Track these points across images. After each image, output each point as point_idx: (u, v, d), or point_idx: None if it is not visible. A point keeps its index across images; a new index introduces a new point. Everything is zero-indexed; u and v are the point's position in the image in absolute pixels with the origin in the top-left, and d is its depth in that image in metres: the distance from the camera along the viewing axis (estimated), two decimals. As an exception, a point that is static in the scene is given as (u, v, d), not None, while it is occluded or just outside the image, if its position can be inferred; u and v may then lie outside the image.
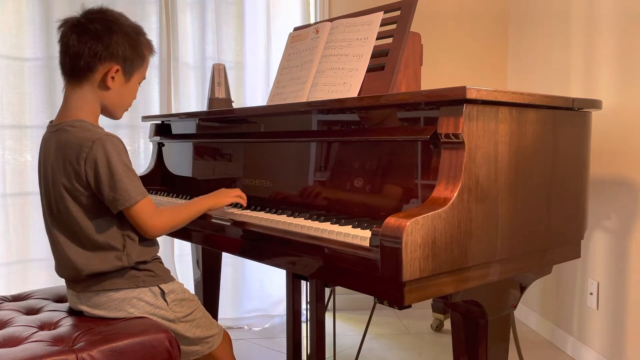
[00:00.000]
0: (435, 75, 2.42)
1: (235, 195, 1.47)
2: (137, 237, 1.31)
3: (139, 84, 1.41)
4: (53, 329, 1.29)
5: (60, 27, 1.31)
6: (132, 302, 1.31)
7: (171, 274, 1.42)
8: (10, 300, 1.51)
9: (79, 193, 1.26)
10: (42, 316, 1.37)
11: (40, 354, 1.12)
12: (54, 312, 1.39)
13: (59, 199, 1.28)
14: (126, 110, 1.41)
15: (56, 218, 1.30)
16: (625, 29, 2.01)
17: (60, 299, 1.50)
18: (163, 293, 1.35)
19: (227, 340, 1.49)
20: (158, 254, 1.41)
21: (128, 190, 1.24)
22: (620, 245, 2.05)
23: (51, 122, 1.36)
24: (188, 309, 1.39)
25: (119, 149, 1.26)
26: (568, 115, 1.33)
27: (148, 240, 1.34)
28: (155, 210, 1.30)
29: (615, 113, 2.04)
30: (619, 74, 2.05)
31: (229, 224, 1.46)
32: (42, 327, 1.30)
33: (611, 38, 2.09)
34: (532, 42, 2.75)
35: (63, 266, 1.32)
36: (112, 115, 1.38)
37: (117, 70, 1.31)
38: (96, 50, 1.27)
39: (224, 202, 1.45)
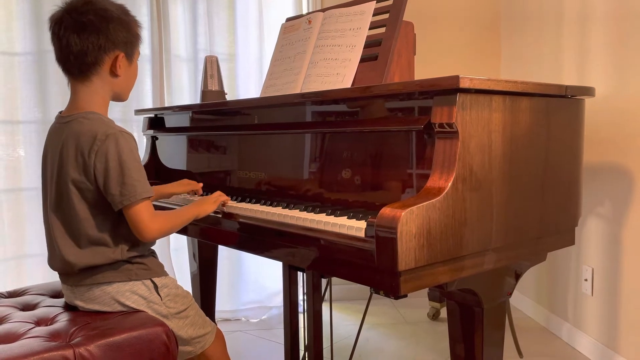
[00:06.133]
0: (428, 65, 2.41)
1: (216, 202, 1.45)
2: (131, 239, 1.31)
3: (137, 60, 1.42)
4: (50, 325, 1.28)
5: (51, 27, 1.29)
6: (125, 295, 1.31)
7: (168, 267, 1.42)
8: (6, 297, 1.51)
9: (84, 186, 1.26)
10: (39, 312, 1.36)
11: (37, 350, 1.11)
12: (50, 307, 1.39)
13: (63, 190, 1.28)
14: (131, 90, 1.43)
15: (56, 210, 1.30)
16: (618, 17, 2.00)
17: (56, 295, 1.49)
18: (156, 287, 1.35)
19: (220, 338, 1.47)
20: (153, 248, 1.41)
21: (135, 187, 1.24)
22: (614, 232, 2.06)
23: (60, 113, 1.36)
24: (182, 305, 1.39)
25: (131, 145, 1.27)
26: (561, 103, 1.33)
27: None
28: (154, 212, 1.30)
29: (608, 100, 2.04)
30: (611, 61, 2.05)
31: (224, 217, 1.46)
32: (39, 322, 1.30)
33: (604, 26, 2.09)
34: (524, 31, 2.75)
35: (55, 259, 1.32)
36: (121, 98, 1.40)
37: (122, 57, 1.32)
38: (99, 43, 1.28)
39: (208, 210, 1.44)
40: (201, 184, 1.66)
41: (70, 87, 1.34)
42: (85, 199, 1.27)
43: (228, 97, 2.24)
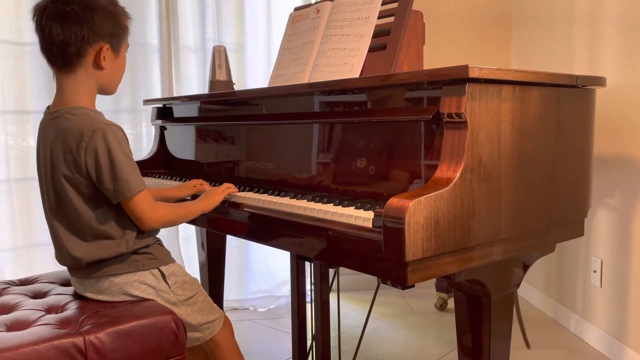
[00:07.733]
0: (438, 55, 2.39)
1: (224, 192, 1.45)
2: (135, 227, 1.31)
3: (126, 53, 1.38)
4: (60, 312, 1.30)
5: (35, 16, 1.26)
6: (134, 285, 1.32)
7: (177, 257, 1.42)
8: (17, 285, 1.53)
9: (78, 182, 1.25)
10: (49, 300, 1.38)
11: (48, 337, 1.13)
12: (61, 295, 1.40)
13: (59, 188, 1.27)
14: (119, 83, 1.39)
15: (55, 207, 1.30)
16: (630, 6, 1.98)
17: (66, 283, 1.51)
18: (164, 275, 1.36)
19: (227, 325, 1.48)
20: (158, 236, 1.41)
21: (129, 181, 1.23)
22: (623, 223, 2.04)
23: (48, 107, 1.34)
24: (190, 292, 1.40)
25: (119, 138, 1.24)
26: (572, 93, 1.32)
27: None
28: (154, 202, 1.30)
29: (619, 90, 2.02)
30: (623, 51, 2.02)
31: (232, 207, 1.46)
32: (49, 310, 1.32)
33: (615, 15, 2.06)
34: (535, 22, 2.72)
35: (63, 256, 1.32)
36: (108, 92, 1.37)
37: (107, 49, 1.29)
38: (82, 34, 1.25)
39: (216, 202, 1.44)
40: (207, 184, 1.62)
41: (56, 80, 1.31)
42: (81, 194, 1.26)
43: (236, 87, 2.24)
